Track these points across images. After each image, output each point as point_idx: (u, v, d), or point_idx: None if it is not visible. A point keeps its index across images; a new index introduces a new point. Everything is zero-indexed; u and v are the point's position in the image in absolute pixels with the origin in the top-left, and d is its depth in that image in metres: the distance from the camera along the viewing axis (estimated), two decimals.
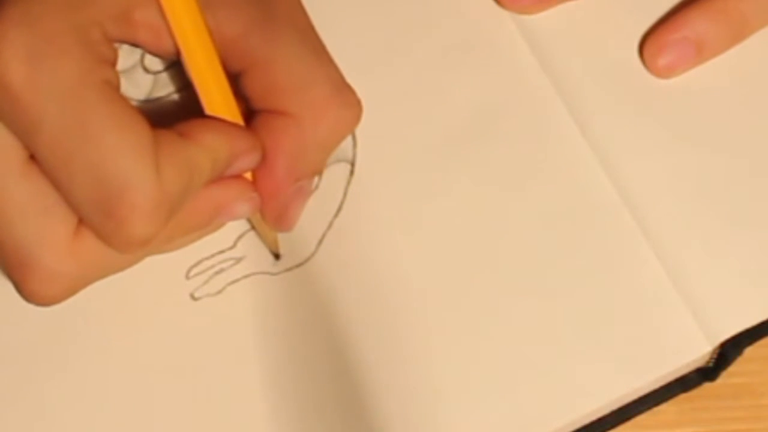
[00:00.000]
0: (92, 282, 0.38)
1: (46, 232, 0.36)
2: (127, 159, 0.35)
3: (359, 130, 0.43)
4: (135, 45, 0.38)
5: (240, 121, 0.38)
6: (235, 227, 0.42)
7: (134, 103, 0.43)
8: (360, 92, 0.39)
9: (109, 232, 0.35)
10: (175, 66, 0.42)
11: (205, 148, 0.37)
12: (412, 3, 0.44)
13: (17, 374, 0.40)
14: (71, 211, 0.36)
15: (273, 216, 0.40)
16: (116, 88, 0.36)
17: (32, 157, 0.36)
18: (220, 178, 0.38)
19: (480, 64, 0.44)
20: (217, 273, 0.41)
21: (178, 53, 0.38)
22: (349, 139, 0.43)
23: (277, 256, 0.41)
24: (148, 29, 0.37)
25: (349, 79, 0.40)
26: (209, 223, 0.39)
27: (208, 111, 0.38)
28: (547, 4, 0.44)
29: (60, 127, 0.35)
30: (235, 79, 0.39)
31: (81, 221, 0.36)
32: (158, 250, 0.39)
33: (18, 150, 0.36)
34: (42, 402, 0.40)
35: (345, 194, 0.42)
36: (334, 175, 0.42)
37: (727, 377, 0.42)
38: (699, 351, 0.40)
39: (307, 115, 0.38)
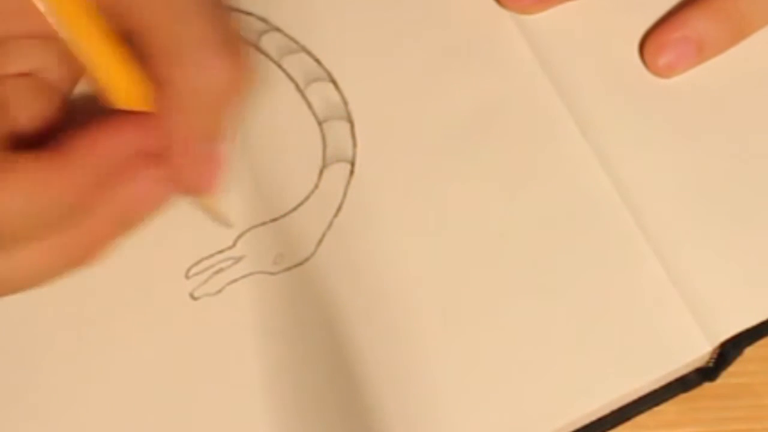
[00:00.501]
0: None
1: None
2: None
3: (359, 131, 0.43)
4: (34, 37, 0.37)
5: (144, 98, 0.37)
6: (234, 227, 0.42)
7: None
8: (360, 92, 0.39)
9: None
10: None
11: (78, 164, 0.36)
12: (411, 3, 0.44)
13: (17, 374, 0.40)
14: None
15: (183, 181, 0.38)
16: None
17: None
18: (118, 182, 0.37)
19: (480, 64, 0.44)
20: (216, 272, 0.41)
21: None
22: (349, 139, 0.43)
23: (228, 224, 0.41)
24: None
25: (349, 79, 0.40)
26: (115, 236, 0.38)
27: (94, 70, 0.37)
28: (548, 3, 0.44)
29: None
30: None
31: None
32: (69, 266, 0.38)
33: None
34: (41, 402, 0.40)
35: (345, 194, 0.42)
36: (334, 174, 0.42)
37: (727, 377, 0.42)
38: (699, 351, 0.40)
39: (192, 75, 0.37)
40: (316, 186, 0.42)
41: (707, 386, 0.42)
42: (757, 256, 0.41)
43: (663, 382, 0.41)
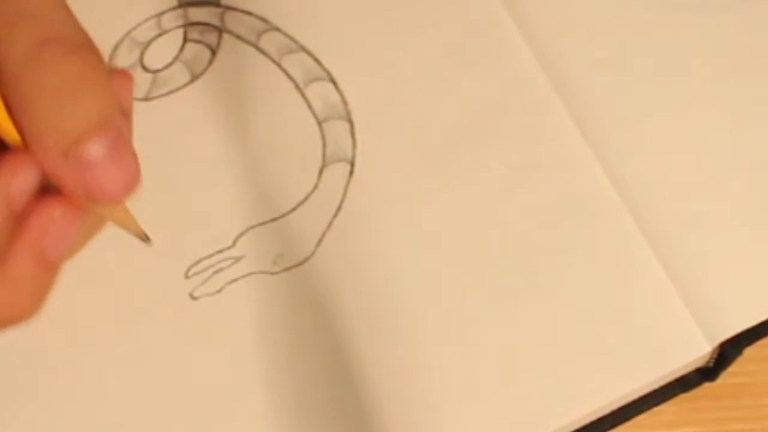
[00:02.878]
0: None
1: None
2: None
3: (359, 131, 0.43)
4: None
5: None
6: (234, 226, 0.42)
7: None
8: (360, 92, 0.39)
9: None
10: (174, 65, 0.42)
11: None
12: (411, 3, 0.44)
13: (16, 375, 0.40)
14: None
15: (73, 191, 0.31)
16: None
17: None
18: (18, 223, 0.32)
19: (479, 65, 0.44)
20: (216, 272, 0.41)
21: None
22: (348, 139, 0.43)
23: (147, 239, 0.36)
24: None
25: (349, 79, 0.39)
26: (48, 258, 0.32)
27: None
28: None
29: None
30: None
31: None
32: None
33: None
34: (40, 402, 0.40)
35: (344, 194, 0.42)
36: (333, 175, 0.42)
37: (727, 377, 0.42)
38: (699, 351, 0.40)
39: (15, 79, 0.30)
40: (316, 186, 0.42)
41: (707, 386, 0.42)
42: (757, 256, 0.41)
43: (663, 382, 0.41)
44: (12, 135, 0.30)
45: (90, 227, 0.34)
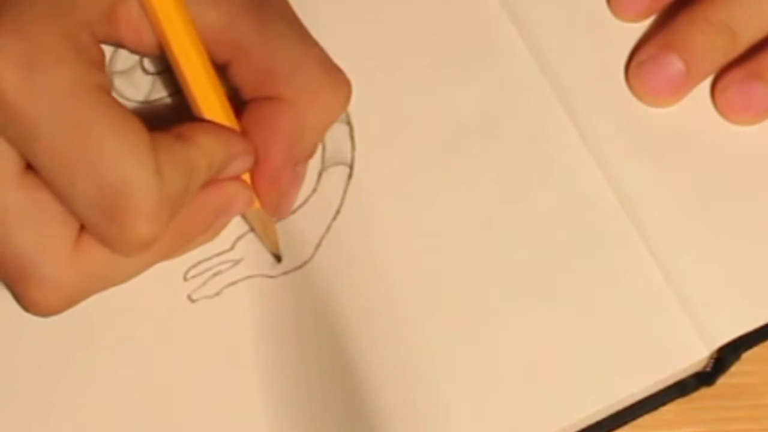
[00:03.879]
0: (93, 293, 0.38)
1: (47, 241, 0.36)
2: (127, 162, 0.35)
3: (358, 133, 0.43)
4: (116, 45, 0.38)
5: (234, 121, 0.38)
6: (233, 229, 0.42)
7: (133, 104, 0.43)
8: (359, 95, 0.39)
9: (113, 236, 0.36)
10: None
11: (202, 150, 0.37)
12: (410, 5, 0.44)
13: (15, 375, 0.40)
14: (72, 220, 0.36)
15: (272, 203, 0.39)
16: (109, 91, 0.36)
17: (29, 167, 0.36)
18: (214, 180, 0.38)
19: (479, 68, 0.44)
20: (215, 275, 0.41)
21: (159, 49, 0.38)
22: (347, 142, 0.43)
23: (278, 258, 0.41)
24: (130, 26, 0.38)
25: None
26: (210, 226, 0.39)
27: (203, 112, 0.38)
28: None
29: (58, 134, 0.35)
30: (223, 71, 0.39)
31: (82, 230, 0.37)
32: (160, 258, 0.38)
33: (15, 160, 0.36)
34: (39, 403, 0.40)
35: (343, 197, 0.42)
36: (332, 178, 0.42)
37: (726, 377, 0.42)
38: (696, 356, 0.40)
39: (301, 97, 0.38)
40: (315, 189, 0.42)
41: (706, 387, 0.42)
42: (755, 261, 0.41)
43: (660, 387, 0.41)
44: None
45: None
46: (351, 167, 0.43)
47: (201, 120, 0.38)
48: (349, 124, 0.43)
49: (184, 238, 0.38)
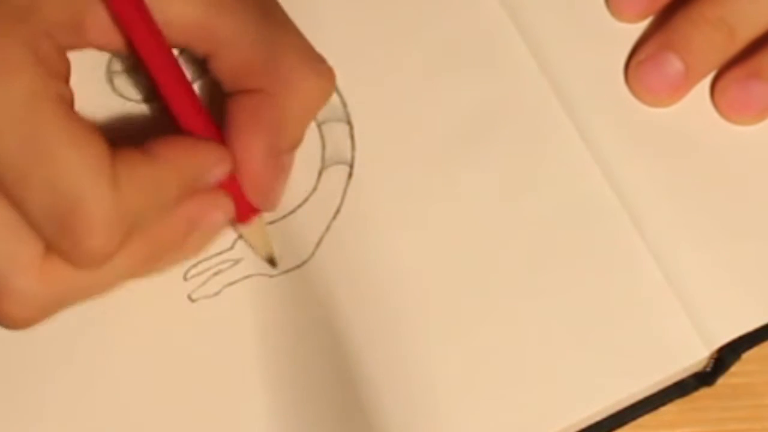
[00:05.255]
0: (66, 306, 0.38)
1: (15, 254, 0.36)
2: (82, 174, 0.34)
3: (358, 133, 0.43)
4: (89, 47, 0.38)
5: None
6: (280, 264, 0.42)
7: (133, 104, 0.43)
8: (359, 94, 0.39)
9: (66, 248, 0.35)
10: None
11: (171, 166, 0.36)
12: (410, 5, 0.44)
13: (15, 376, 0.40)
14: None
15: (258, 195, 0.39)
16: (70, 102, 0.36)
17: None
18: (192, 191, 0.38)
19: (479, 67, 0.44)
20: (215, 274, 0.41)
21: (131, 49, 0.38)
22: (347, 141, 0.43)
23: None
24: (100, 32, 0.37)
25: (348, 81, 0.40)
26: (185, 238, 0.38)
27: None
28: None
29: (14, 145, 0.34)
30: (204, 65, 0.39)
31: None
32: (133, 272, 0.38)
33: None
34: (39, 403, 0.40)
35: (343, 197, 0.42)
36: (332, 177, 0.42)
37: (727, 377, 0.42)
38: (696, 356, 0.40)
39: (281, 88, 0.38)
40: (315, 188, 0.42)
41: (706, 387, 0.42)
42: (755, 261, 0.41)
43: (660, 387, 0.41)
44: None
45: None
46: (351, 166, 0.43)
47: (172, 135, 0.37)
48: (349, 123, 0.43)
49: (157, 252, 0.38)
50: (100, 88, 0.42)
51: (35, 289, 0.36)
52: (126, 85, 0.43)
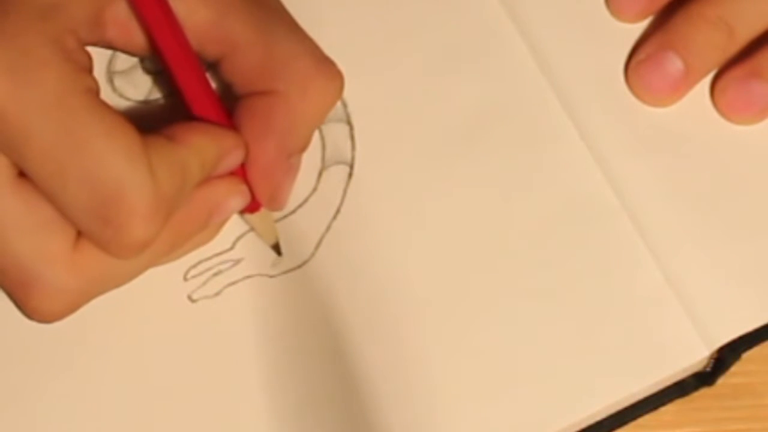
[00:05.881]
0: (94, 296, 0.38)
1: (45, 247, 0.36)
2: (120, 164, 0.35)
3: (358, 133, 0.43)
4: (106, 47, 0.38)
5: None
6: (233, 229, 0.42)
7: (133, 104, 0.43)
8: (359, 94, 0.39)
9: (108, 239, 0.36)
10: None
11: (194, 150, 0.37)
12: (410, 5, 0.44)
13: (15, 376, 0.40)
14: (69, 225, 0.36)
15: (266, 195, 0.40)
16: (98, 94, 0.36)
17: (22, 173, 0.36)
18: (209, 178, 0.38)
19: (479, 67, 0.44)
20: (215, 275, 0.41)
21: (151, 49, 0.38)
22: (347, 141, 0.43)
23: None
24: (119, 28, 0.38)
25: (348, 82, 0.40)
26: (206, 224, 0.39)
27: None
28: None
29: (49, 139, 0.35)
30: (214, 68, 0.39)
31: (79, 234, 0.36)
32: (158, 259, 0.39)
33: (7, 166, 0.36)
34: (39, 403, 0.40)
35: (343, 197, 0.42)
36: (332, 177, 0.42)
37: (727, 377, 0.42)
38: (696, 356, 0.40)
39: (293, 90, 0.38)
40: (315, 188, 0.42)
41: (706, 387, 0.42)
42: (755, 261, 0.41)
43: (660, 387, 0.41)
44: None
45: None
46: (351, 167, 0.43)
47: (191, 120, 0.38)
48: (349, 123, 0.43)
49: (181, 238, 0.38)
50: (101, 88, 0.42)
51: (65, 281, 0.36)
52: (126, 85, 0.43)
